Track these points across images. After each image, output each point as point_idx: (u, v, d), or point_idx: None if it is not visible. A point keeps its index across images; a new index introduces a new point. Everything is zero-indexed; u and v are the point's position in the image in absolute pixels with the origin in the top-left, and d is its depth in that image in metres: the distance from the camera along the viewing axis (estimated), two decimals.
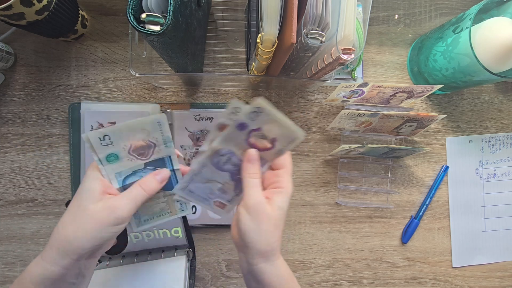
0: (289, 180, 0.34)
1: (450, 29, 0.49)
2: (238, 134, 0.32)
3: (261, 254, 0.31)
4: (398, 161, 0.59)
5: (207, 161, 0.33)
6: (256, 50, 0.39)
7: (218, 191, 0.36)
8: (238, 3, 0.55)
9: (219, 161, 0.34)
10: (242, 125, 0.31)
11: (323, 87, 0.58)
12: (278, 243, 0.32)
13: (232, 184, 0.35)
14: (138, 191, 0.32)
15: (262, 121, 0.31)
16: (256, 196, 0.32)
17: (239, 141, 0.32)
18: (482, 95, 0.60)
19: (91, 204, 0.30)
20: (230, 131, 0.32)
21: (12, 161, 0.53)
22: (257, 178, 0.32)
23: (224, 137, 0.32)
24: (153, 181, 0.33)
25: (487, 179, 0.60)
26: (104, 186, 0.32)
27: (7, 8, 0.38)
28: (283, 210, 0.32)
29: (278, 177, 0.34)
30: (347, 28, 0.37)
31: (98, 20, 0.54)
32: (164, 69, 0.54)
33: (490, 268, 0.61)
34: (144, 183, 0.33)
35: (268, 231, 0.31)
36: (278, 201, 0.32)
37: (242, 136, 0.32)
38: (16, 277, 0.31)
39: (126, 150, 0.33)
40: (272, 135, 0.32)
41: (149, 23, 0.33)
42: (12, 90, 0.53)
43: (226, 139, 0.32)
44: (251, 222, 0.31)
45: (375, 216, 0.59)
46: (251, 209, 0.31)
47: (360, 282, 0.59)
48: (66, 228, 0.30)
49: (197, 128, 0.53)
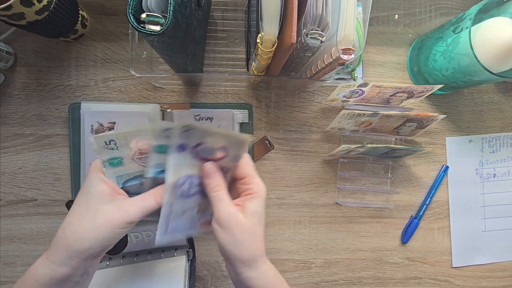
0: (258, 183, 0.33)
1: (450, 29, 0.49)
2: (183, 156, 0.31)
3: (244, 264, 0.31)
4: (398, 161, 0.59)
5: (172, 199, 0.32)
6: (256, 50, 0.39)
7: (197, 214, 0.35)
8: (238, 3, 0.55)
9: (183, 192, 0.33)
10: (181, 147, 0.31)
11: (323, 87, 0.58)
12: (260, 249, 0.32)
13: (206, 201, 0.34)
14: (151, 202, 0.32)
15: (199, 136, 0.30)
16: (224, 209, 0.31)
17: (189, 162, 0.32)
18: (482, 95, 0.60)
19: (101, 205, 0.30)
20: (174, 158, 0.31)
21: (12, 161, 0.53)
22: (221, 190, 0.32)
23: (172, 167, 0.31)
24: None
25: (487, 179, 0.60)
26: (111, 187, 0.32)
27: (7, 8, 0.38)
28: (258, 214, 0.32)
29: (246, 185, 0.33)
30: (347, 28, 0.37)
31: (98, 20, 0.54)
32: (164, 69, 0.54)
33: (490, 268, 0.61)
34: (159, 195, 0.32)
35: (245, 241, 0.31)
36: (252, 207, 0.32)
37: (189, 156, 0.31)
38: (17, 277, 0.31)
39: (130, 156, 0.32)
40: (219, 144, 0.31)
41: (149, 23, 0.33)
42: (12, 90, 0.53)
43: (175, 168, 0.31)
44: (226, 235, 0.31)
45: (375, 216, 0.59)
46: (223, 223, 0.31)
47: (360, 282, 0.59)
48: (75, 229, 0.30)
49: None
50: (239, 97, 0.56)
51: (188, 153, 0.31)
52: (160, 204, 0.32)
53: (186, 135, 0.30)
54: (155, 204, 0.32)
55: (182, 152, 0.31)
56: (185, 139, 0.30)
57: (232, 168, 0.34)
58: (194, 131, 0.30)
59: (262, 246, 0.32)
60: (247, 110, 0.56)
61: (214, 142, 0.31)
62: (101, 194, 0.31)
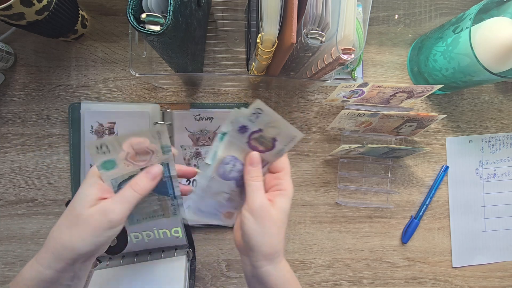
0: (289, 181, 0.34)
1: (450, 29, 0.49)
2: (240, 137, 0.32)
3: (265, 257, 0.31)
4: (398, 161, 0.59)
5: (214, 174, 0.33)
6: (256, 50, 0.39)
7: (226, 201, 0.36)
8: (238, 3, 0.55)
9: (225, 171, 0.34)
10: (243, 128, 0.31)
11: (323, 87, 0.58)
12: (282, 245, 0.32)
13: (237, 191, 0.35)
14: (130, 193, 0.31)
15: (262, 122, 0.31)
16: (260, 199, 0.32)
17: (240, 145, 0.32)
18: (482, 95, 0.60)
19: (84, 209, 0.30)
20: (231, 136, 0.32)
21: (12, 161, 0.53)
22: (260, 181, 0.33)
23: (226, 144, 0.32)
24: (144, 180, 0.32)
25: (487, 179, 0.60)
26: (102, 191, 0.31)
27: (7, 8, 0.38)
28: (285, 212, 0.33)
29: (278, 180, 0.34)
30: (347, 28, 0.37)
31: (98, 20, 0.54)
32: (164, 69, 0.54)
33: (490, 268, 0.61)
34: (136, 183, 0.32)
35: (273, 233, 0.31)
36: (281, 203, 0.32)
37: (244, 140, 0.32)
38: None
39: (123, 157, 0.32)
40: (272, 135, 0.32)
41: (149, 23, 0.33)
42: (12, 90, 0.53)
43: (228, 145, 0.32)
44: (256, 225, 0.31)
45: (375, 216, 0.59)
46: (255, 212, 0.31)
47: (360, 282, 0.59)
48: (61, 233, 0.30)
49: (197, 128, 0.53)
50: (239, 97, 0.56)
51: (245, 137, 0.32)
52: (140, 191, 0.31)
53: (253, 118, 0.30)
54: (134, 193, 0.31)
55: (241, 134, 0.32)
56: (250, 122, 0.31)
57: (270, 163, 0.34)
58: (262, 115, 0.30)
59: (283, 243, 0.33)
60: None
61: (268, 132, 0.32)
62: (85, 198, 0.30)
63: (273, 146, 0.33)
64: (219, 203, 0.36)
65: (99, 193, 0.31)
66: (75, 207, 0.30)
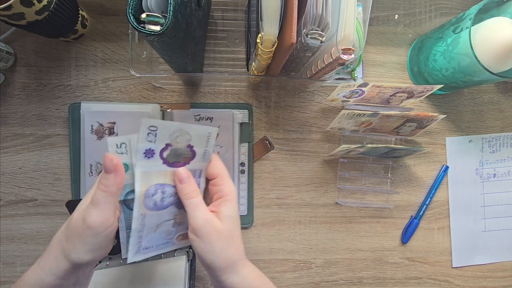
0: (229, 184, 0.33)
1: (450, 29, 0.49)
2: (152, 162, 0.29)
3: (225, 271, 0.31)
4: (398, 161, 0.59)
5: (144, 211, 0.30)
6: (256, 50, 0.39)
7: (173, 227, 0.33)
8: (238, 3, 0.54)
9: (156, 202, 0.31)
10: (148, 152, 0.29)
11: (323, 87, 0.58)
12: (239, 252, 0.32)
13: (181, 212, 0.33)
14: (97, 194, 0.29)
15: (164, 137, 0.29)
16: (200, 216, 0.30)
17: (159, 169, 0.30)
18: (482, 95, 0.60)
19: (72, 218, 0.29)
20: (141, 166, 0.29)
21: (12, 161, 0.53)
22: (196, 196, 0.31)
23: (140, 176, 0.29)
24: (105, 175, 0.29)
25: (487, 179, 0.60)
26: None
27: (7, 8, 0.38)
28: (233, 218, 0.31)
29: (218, 186, 0.32)
30: (347, 28, 0.37)
31: (98, 20, 0.54)
32: (164, 69, 0.54)
33: (490, 268, 0.61)
34: (99, 182, 0.29)
35: (224, 247, 0.30)
36: (225, 211, 0.31)
37: (158, 162, 0.29)
38: (17, 277, 0.31)
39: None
40: (184, 143, 0.30)
41: (149, 23, 0.33)
42: (12, 90, 0.53)
43: (144, 176, 0.29)
44: (203, 244, 0.30)
45: (375, 216, 0.59)
46: (199, 232, 0.30)
47: (360, 282, 0.59)
48: (61, 239, 0.29)
49: None
50: (239, 97, 0.56)
51: (157, 159, 0.29)
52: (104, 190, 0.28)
53: (151, 138, 0.28)
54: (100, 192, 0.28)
55: (150, 158, 0.29)
56: (151, 142, 0.28)
57: (203, 169, 0.32)
58: (160, 131, 0.28)
59: (241, 249, 0.32)
60: (247, 110, 0.56)
61: (181, 141, 0.30)
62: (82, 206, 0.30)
63: (193, 153, 0.31)
64: (166, 232, 0.33)
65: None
66: (72, 214, 0.30)
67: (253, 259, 0.56)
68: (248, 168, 0.56)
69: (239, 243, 0.32)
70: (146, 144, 0.28)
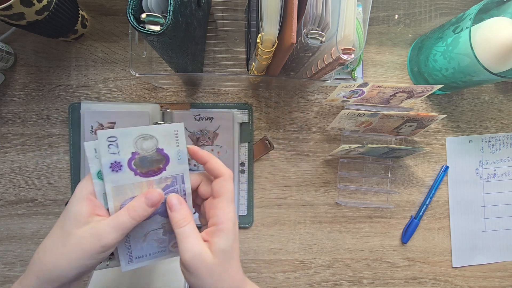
0: (227, 211, 0.29)
1: (450, 29, 0.49)
2: (122, 176, 0.27)
3: None
4: (398, 161, 0.59)
5: None
6: (256, 50, 0.39)
7: (165, 235, 0.32)
8: (238, 3, 0.54)
9: None
10: (115, 165, 0.27)
11: (323, 87, 0.58)
12: (235, 281, 0.29)
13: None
14: (125, 218, 0.28)
15: (126, 145, 0.27)
16: (189, 249, 0.28)
17: (131, 181, 0.28)
18: (482, 95, 0.60)
19: (75, 229, 0.27)
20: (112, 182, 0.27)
21: (12, 161, 0.53)
22: (186, 225, 0.29)
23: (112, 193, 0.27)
24: (143, 205, 0.29)
25: (487, 179, 0.60)
26: (93, 207, 0.28)
27: (7, 8, 0.38)
28: (227, 251, 0.28)
29: (215, 210, 0.29)
30: (347, 28, 0.37)
31: (98, 20, 0.54)
32: (164, 69, 0.54)
33: (490, 268, 0.61)
34: (133, 208, 0.28)
35: (215, 283, 0.28)
36: (219, 243, 0.28)
37: (129, 175, 0.27)
38: (17, 277, 0.30)
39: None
40: (152, 148, 0.28)
41: (149, 23, 0.33)
42: (12, 90, 0.53)
43: (116, 192, 0.27)
44: (193, 279, 0.28)
45: (375, 216, 0.59)
46: (189, 266, 0.28)
47: (360, 282, 0.59)
48: (47, 255, 0.27)
49: (197, 128, 0.53)
50: (239, 97, 0.56)
51: (126, 171, 0.27)
52: (136, 219, 0.28)
53: (113, 149, 0.26)
54: (130, 219, 0.28)
55: (119, 172, 0.27)
56: (115, 154, 0.26)
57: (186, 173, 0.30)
58: (120, 139, 0.26)
59: (237, 276, 0.29)
60: (247, 110, 0.56)
61: (147, 146, 0.27)
62: (77, 216, 0.27)
63: (165, 156, 0.29)
64: (157, 240, 0.32)
65: (90, 209, 0.28)
66: (65, 225, 0.28)
67: (253, 259, 0.56)
68: (248, 168, 0.56)
69: (235, 272, 0.29)
70: (110, 157, 0.26)
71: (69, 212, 0.28)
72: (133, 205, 0.29)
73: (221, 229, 0.29)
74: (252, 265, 0.56)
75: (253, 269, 0.56)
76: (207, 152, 0.31)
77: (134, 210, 0.28)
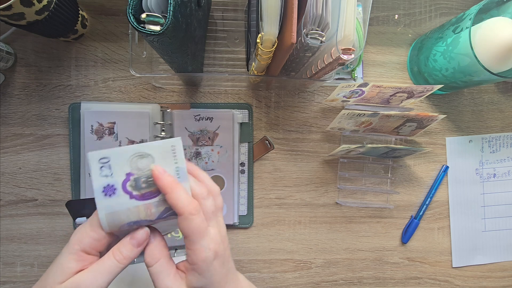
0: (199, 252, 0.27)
1: (450, 29, 0.49)
2: (117, 200, 0.25)
3: None
4: (398, 161, 0.59)
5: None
6: (256, 50, 0.39)
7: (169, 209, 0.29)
8: (238, 3, 0.55)
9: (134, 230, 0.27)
10: (108, 189, 0.25)
11: (323, 87, 0.58)
12: None
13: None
14: (111, 262, 0.26)
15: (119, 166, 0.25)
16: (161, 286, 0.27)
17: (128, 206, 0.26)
18: (482, 95, 0.60)
19: (55, 284, 0.25)
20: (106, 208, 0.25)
21: (12, 161, 0.53)
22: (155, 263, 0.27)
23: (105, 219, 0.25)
24: (128, 246, 0.27)
25: (487, 179, 0.60)
26: (82, 263, 0.26)
27: (7, 8, 0.38)
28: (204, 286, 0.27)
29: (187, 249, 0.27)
30: (347, 28, 0.37)
31: (98, 20, 0.54)
32: (164, 69, 0.54)
33: (490, 268, 0.61)
34: (118, 251, 0.26)
35: None
36: (193, 282, 0.27)
37: (124, 198, 0.26)
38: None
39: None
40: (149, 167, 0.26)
41: (149, 23, 0.33)
42: (12, 90, 0.53)
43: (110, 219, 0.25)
44: None
45: (375, 216, 0.59)
46: None
47: (360, 282, 0.59)
48: None
49: (197, 128, 0.53)
50: (239, 97, 0.56)
51: (120, 194, 0.25)
52: (123, 262, 0.26)
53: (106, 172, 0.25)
54: (116, 263, 0.26)
55: (112, 196, 0.25)
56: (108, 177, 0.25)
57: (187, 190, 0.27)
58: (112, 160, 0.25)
59: None
60: (247, 110, 0.56)
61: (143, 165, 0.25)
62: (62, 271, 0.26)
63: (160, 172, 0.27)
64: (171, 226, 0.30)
65: (78, 265, 0.26)
66: (47, 279, 0.26)
67: (253, 259, 0.56)
68: (248, 168, 0.56)
69: None
70: (102, 180, 0.25)
71: (55, 266, 0.26)
72: (118, 247, 0.27)
73: (194, 269, 0.27)
74: (252, 265, 0.56)
75: (253, 269, 0.56)
76: (172, 180, 0.26)
77: (120, 253, 0.26)
